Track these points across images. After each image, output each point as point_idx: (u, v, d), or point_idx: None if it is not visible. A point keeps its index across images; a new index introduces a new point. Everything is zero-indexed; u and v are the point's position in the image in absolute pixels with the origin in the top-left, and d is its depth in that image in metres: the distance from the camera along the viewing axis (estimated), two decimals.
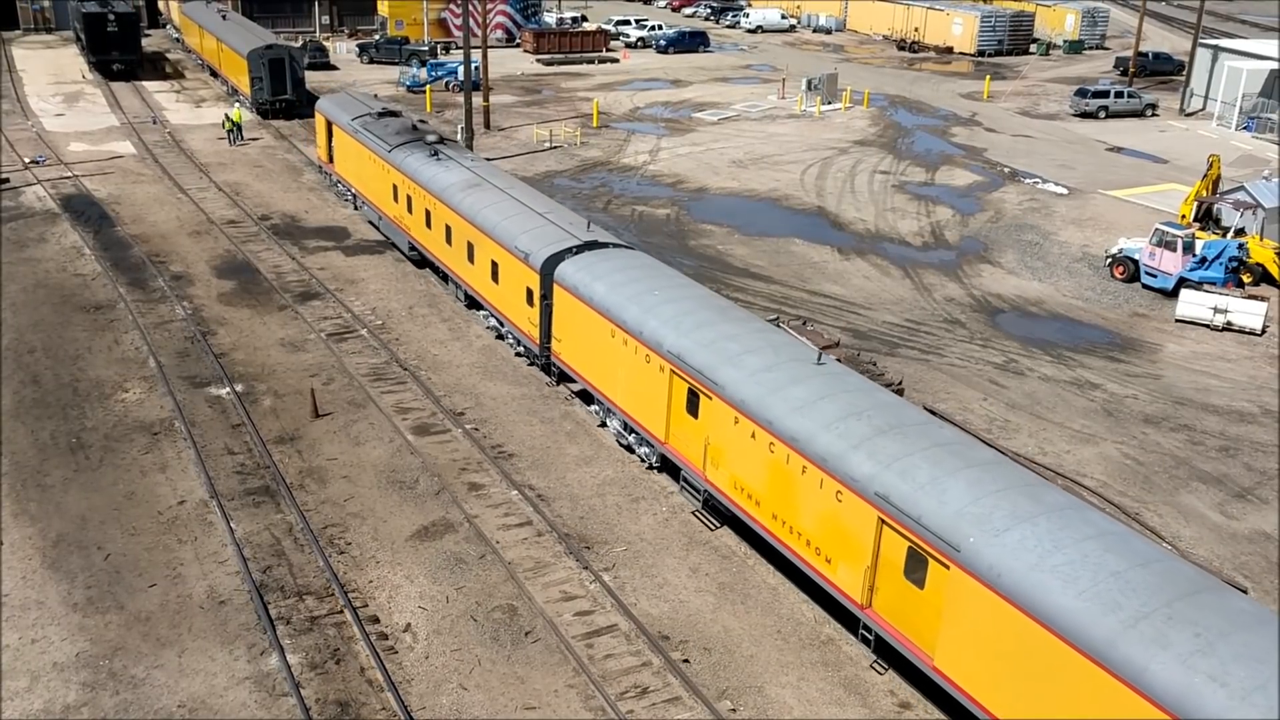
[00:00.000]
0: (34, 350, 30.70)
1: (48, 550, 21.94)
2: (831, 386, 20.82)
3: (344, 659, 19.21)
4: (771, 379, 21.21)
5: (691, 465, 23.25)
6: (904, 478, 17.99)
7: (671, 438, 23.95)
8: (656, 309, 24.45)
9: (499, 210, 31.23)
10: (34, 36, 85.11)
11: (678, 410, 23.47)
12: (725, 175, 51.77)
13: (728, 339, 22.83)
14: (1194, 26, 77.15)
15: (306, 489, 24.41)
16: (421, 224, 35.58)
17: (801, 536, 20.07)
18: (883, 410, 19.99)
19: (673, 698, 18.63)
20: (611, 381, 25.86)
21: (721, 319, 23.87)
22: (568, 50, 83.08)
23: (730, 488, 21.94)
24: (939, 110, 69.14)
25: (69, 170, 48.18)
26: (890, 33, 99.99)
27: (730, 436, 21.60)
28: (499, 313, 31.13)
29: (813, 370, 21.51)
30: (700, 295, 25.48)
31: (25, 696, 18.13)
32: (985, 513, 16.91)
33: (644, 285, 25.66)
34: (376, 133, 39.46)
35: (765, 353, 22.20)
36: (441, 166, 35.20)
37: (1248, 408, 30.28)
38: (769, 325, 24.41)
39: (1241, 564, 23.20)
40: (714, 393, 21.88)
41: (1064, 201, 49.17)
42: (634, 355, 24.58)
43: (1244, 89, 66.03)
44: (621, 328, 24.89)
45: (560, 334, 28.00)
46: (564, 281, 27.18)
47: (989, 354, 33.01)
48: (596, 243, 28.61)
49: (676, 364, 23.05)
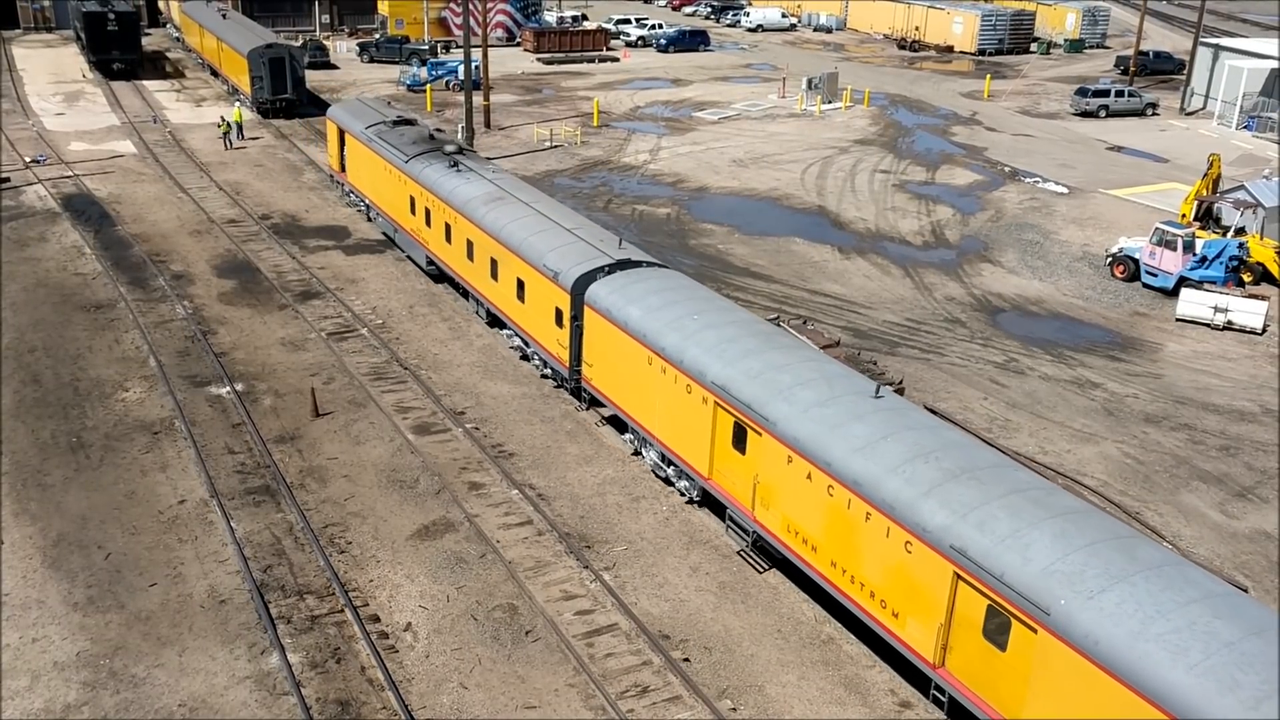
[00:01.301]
0: (34, 349, 30.71)
1: (48, 549, 21.95)
2: (894, 424, 19.38)
3: (344, 658, 19.22)
4: (828, 415, 19.79)
5: (739, 504, 21.91)
6: (982, 530, 16.69)
7: (715, 473, 22.64)
8: (697, 336, 23.08)
9: (525, 226, 29.98)
10: (34, 36, 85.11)
11: (722, 445, 22.17)
12: (726, 174, 51.76)
13: (777, 369, 21.42)
14: (1195, 25, 77.12)
15: (307, 488, 24.42)
16: (440, 238, 34.38)
17: (865, 587, 18.74)
18: (952, 451, 18.59)
19: (673, 697, 18.64)
20: (648, 411, 24.53)
21: (768, 347, 22.45)
22: (568, 49, 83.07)
23: (783, 530, 20.62)
24: (939, 109, 69.12)
25: (69, 169, 48.19)
26: (891, 32, 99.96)
27: (783, 476, 20.29)
28: (524, 332, 29.89)
29: (871, 405, 20.05)
30: (743, 320, 24.02)
31: (26, 696, 18.14)
32: (1076, 571, 15.61)
33: (682, 309, 24.24)
34: (392, 142, 38.12)
35: (819, 385, 20.77)
36: (462, 178, 33.89)
37: (1248, 407, 30.28)
38: (819, 354, 22.87)
39: (1242, 563, 23.20)
40: (764, 428, 20.56)
41: (1064, 201, 49.17)
42: (673, 384, 23.26)
43: (1244, 88, 66.00)
44: (660, 355, 23.56)
45: (591, 358, 26.68)
46: (596, 304, 25.92)
47: (989, 353, 33.01)
48: (629, 261, 27.31)
49: (721, 396, 21.71)
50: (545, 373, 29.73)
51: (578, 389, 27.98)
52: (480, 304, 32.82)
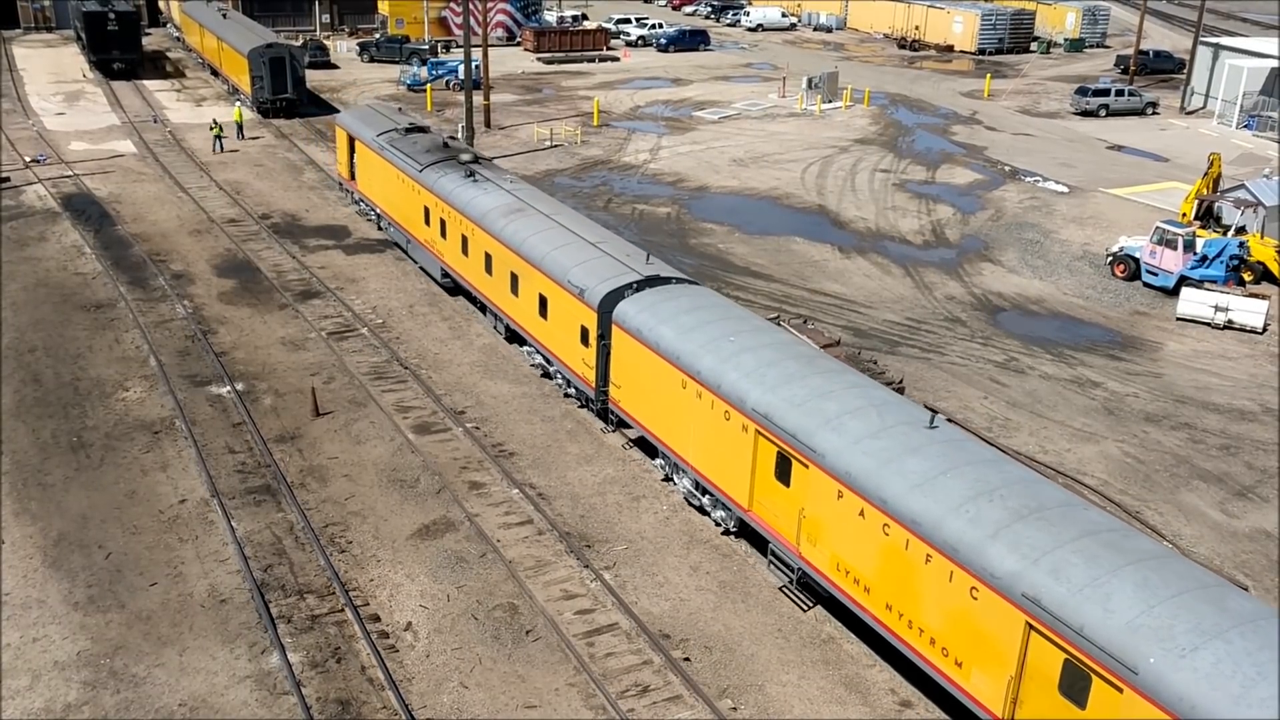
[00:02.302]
0: (35, 349, 30.72)
1: (49, 549, 21.95)
2: (952, 457, 18.36)
3: (345, 657, 19.22)
4: (881, 448, 18.73)
5: (782, 539, 20.84)
6: (1057, 577, 15.64)
7: (756, 505, 21.56)
8: (735, 359, 22.00)
9: (547, 239, 28.87)
10: (34, 35, 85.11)
11: (764, 476, 21.10)
12: (726, 174, 51.76)
13: (822, 396, 20.38)
14: (1195, 25, 77.11)
15: (307, 488, 24.42)
16: (457, 250, 33.33)
17: (924, 634, 17.68)
18: (1016, 488, 17.52)
19: (673, 696, 18.64)
20: (681, 436, 23.41)
21: (810, 371, 21.39)
22: (568, 49, 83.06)
23: (831, 569, 19.52)
24: (939, 109, 69.11)
25: (69, 169, 48.19)
26: (891, 31, 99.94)
27: (832, 512, 19.19)
28: (547, 350, 28.76)
29: (926, 436, 19.02)
30: (781, 342, 22.99)
31: (26, 695, 18.14)
32: (1164, 625, 14.57)
33: (717, 330, 23.20)
34: (405, 150, 37.11)
35: (868, 415, 19.71)
36: (479, 189, 32.86)
37: (1248, 406, 30.28)
38: (864, 379, 21.75)
39: (1242, 562, 23.21)
40: (811, 460, 19.50)
41: (1065, 200, 49.17)
42: (710, 410, 22.15)
43: (1244, 87, 66.01)
44: (695, 379, 22.49)
45: (620, 379, 25.59)
46: (625, 323, 24.86)
47: (990, 352, 33.01)
48: (658, 278, 26.25)
49: (763, 424, 20.62)
50: (568, 392, 28.66)
51: (604, 410, 26.95)
52: (499, 319, 31.73)
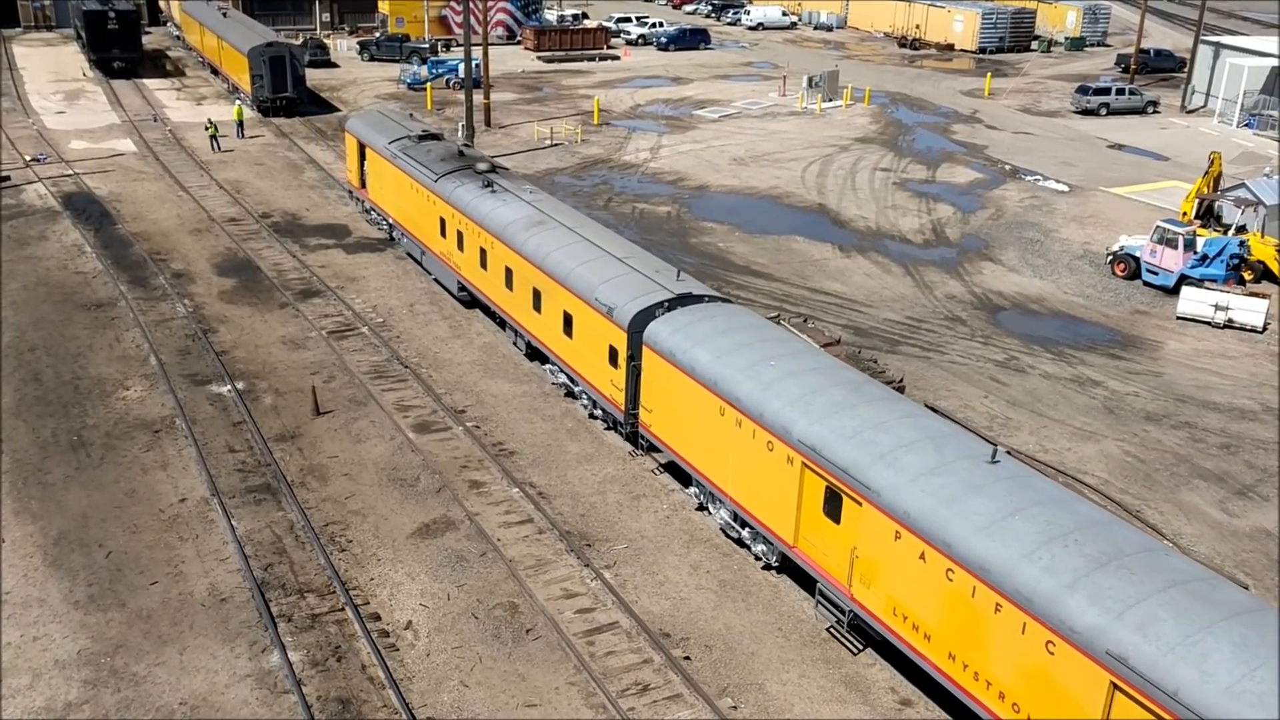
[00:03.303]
0: (35, 348, 30.72)
1: (49, 548, 21.96)
2: (1019, 496, 17.30)
3: (345, 656, 19.23)
4: (942, 486, 17.69)
5: (831, 579, 19.75)
6: (1145, 634, 14.59)
7: (802, 541, 20.47)
8: (777, 386, 20.92)
9: (571, 254, 27.79)
10: (34, 34, 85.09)
11: (811, 511, 20.04)
12: (726, 173, 51.75)
13: (873, 428, 19.31)
14: (1195, 23, 77.08)
15: (308, 486, 24.43)
16: (475, 264, 32.13)
17: (992, 687, 16.58)
18: (1092, 531, 16.45)
19: (674, 695, 18.65)
20: (719, 466, 22.30)
21: (858, 399, 20.34)
22: (568, 47, 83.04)
23: (887, 613, 18.47)
24: (940, 108, 69.10)
25: (70, 168, 48.19)
26: (891, 30, 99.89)
27: (889, 553, 18.14)
28: (572, 370, 27.61)
29: (989, 473, 17.92)
30: (825, 366, 21.87)
31: (27, 694, 18.15)
32: (1269, 691, 13.63)
33: (756, 353, 22.13)
34: (419, 159, 35.82)
35: (924, 449, 18.64)
36: (498, 200, 31.70)
37: (1249, 405, 30.28)
38: (917, 407, 20.83)
39: (1242, 561, 23.21)
40: (864, 497, 18.45)
41: (1065, 199, 49.15)
42: (751, 440, 21.08)
43: (1245, 86, 65.98)
44: (734, 406, 21.38)
45: (651, 403, 24.43)
46: (657, 344, 23.73)
47: (990, 351, 33.01)
48: (690, 295, 25.17)
49: (811, 457, 19.56)
50: (595, 413, 27.60)
51: (634, 434, 25.86)
52: (519, 335, 30.55)
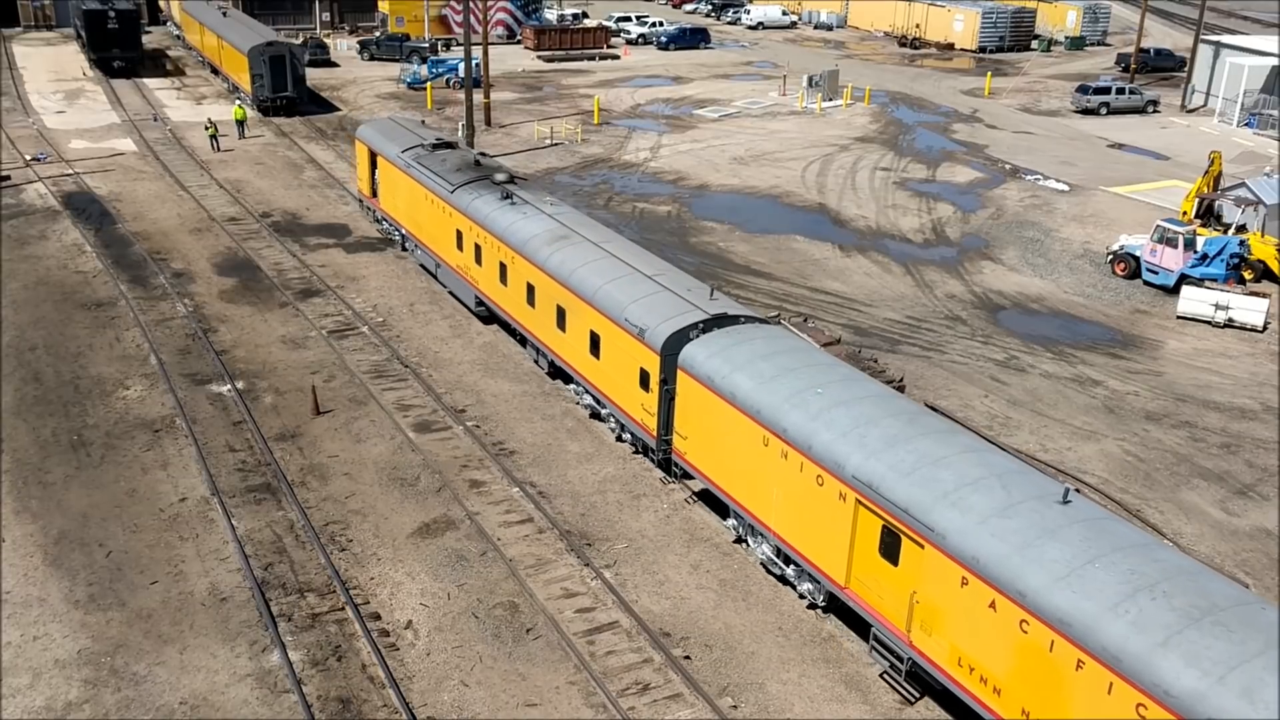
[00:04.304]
0: (35, 347, 30.72)
1: (49, 547, 21.96)
2: (1097, 542, 16.23)
3: (345, 656, 19.23)
4: (1013, 530, 16.60)
5: (888, 623, 18.68)
6: (1252, 702, 13.69)
7: (854, 582, 19.40)
8: (826, 416, 19.85)
9: (598, 271, 26.74)
10: (34, 34, 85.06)
11: (865, 551, 18.98)
12: (726, 172, 51.75)
13: (934, 464, 18.22)
14: (1196, 23, 77.06)
15: (308, 486, 24.43)
16: (494, 278, 31.10)
17: None
18: (1180, 582, 15.41)
19: (674, 694, 18.65)
20: (762, 498, 21.23)
21: (914, 430, 19.27)
22: (569, 47, 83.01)
23: (951, 663, 17.42)
24: (940, 107, 69.09)
25: (70, 167, 48.18)
26: (891, 29, 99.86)
27: (954, 600, 17.10)
28: (599, 392, 26.61)
29: (1062, 515, 16.84)
30: (876, 394, 20.82)
31: (27, 693, 18.16)
32: None
33: (801, 379, 21.05)
34: (433, 169, 34.87)
35: (990, 487, 17.54)
36: (518, 212, 30.60)
37: (1249, 404, 30.28)
38: (978, 441, 19.69)
39: (1243, 560, 23.22)
40: (926, 539, 17.42)
41: (1065, 198, 49.15)
42: (798, 474, 20.02)
43: (1245, 85, 65.95)
44: (779, 436, 20.28)
45: (686, 429, 23.35)
46: (693, 368, 22.66)
47: (990, 351, 33.01)
48: (726, 316, 24.12)
49: (866, 494, 18.50)
50: (623, 437, 26.63)
51: (666, 461, 24.86)
52: (541, 353, 29.65)
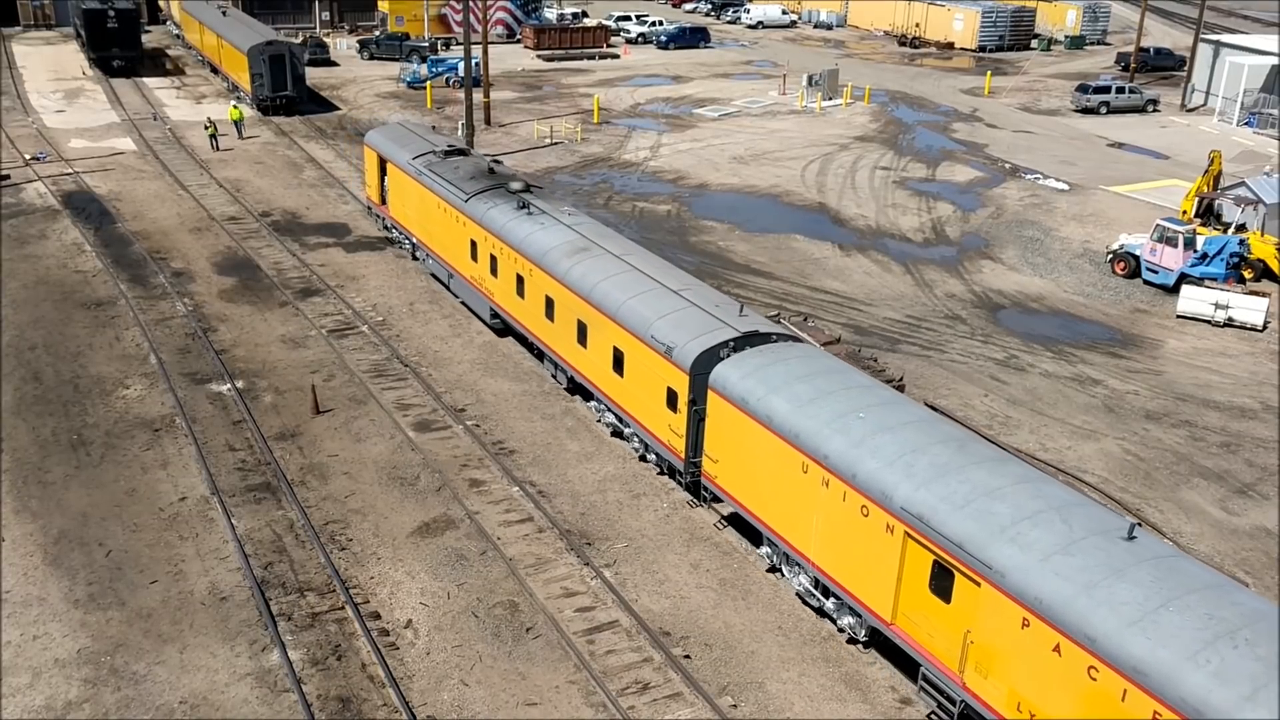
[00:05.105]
0: (35, 347, 30.72)
1: (49, 547, 21.96)
2: (1169, 583, 15.37)
3: (345, 655, 19.23)
4: (1077, 569, 15.73)
5: (938, 663, 17.82)
6: None
7: (901, 618, 18.53)
8: (870, 442, 18.96)
9: (621, 285, 25.88)
10: (34, 33, 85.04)
11: (914, 586, 18.11)
12: (726, 171, 51.74)
13: (989, 496, 17.33)
14: (1195, 22, 77.05)
15: (308, 485, 24.43)
16: (510, 291, 30.28)
17: None
18: (1262, 628, 14.62)
19: (674, 693, 18.65)
20: (800, 528, 20.34)
21: (965, 459, 18.37)
22: (568, 46, 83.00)
23: (1009, 708, 16.57)
24: (940, 106, 69.09)
25: (69, 167, 48.18)
26: (891, 28, 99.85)
27: (1014, 642, 16.17)
28: (622, 410, 25.78)
29: (1128, 552, 15.97)
30: (921, 419, 19.87)
31: (27, 693, 18.16)
32: None
33: (841, 403, 20.16)
34: (446, 177, 33.98)
35: (1050, 522, 16.64)
36: (535, 223, 29.77)
37: (1249, 404, 30.28)
38: (1032, 470, 18.65)
39: (1243, 559, 23.22)
40: (983, 577, 16.54)
41: (1065, 197, 49.14)
42: (840, 503, 19.15)
43: (1245, 84, 65.95)
44: (820, 463, 19.40)
45: (717, 452, 22.43)
46: (725, 389, 21.75)
47: (990, 350, 33.01)
48: (757, 334, 23.18)
49: (915, 527, 17.62)
50: (647, 457, 25.73)
51: (695, 484, 23.98)
52: (560, 369, 28.83)
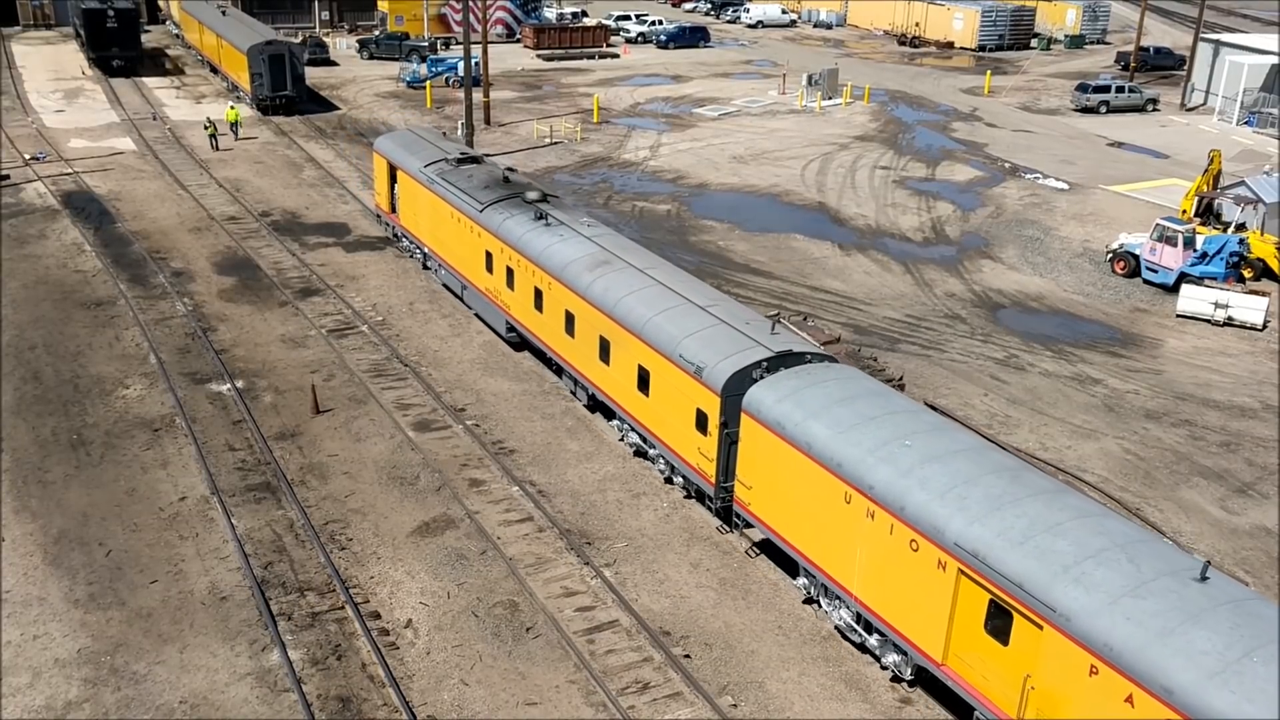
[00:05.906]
0: (35, 347, 30.72)
1: (49, 547, 21.96)
2: (1249, 629, 14.59)
3: (345, 655, 19.24)
4: (1150, 613, 14.82)
5: (994, 708, 16.94)
6: None
7: (953, 659, 17.62)
8: (919, 473, 17.98)
9: (646, 301, 24.93)
10: (34, 33, 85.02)
11: (968, 626, 17.22)
12: (726, 171, 51.74)
13: (1047, 531, 16.40)
14: (1195, 21, 77.04)
15: (308, 485, 24.43)
16: (527, 304, 29.39)
17: None
18: None
19: (674, 693, 18.65)
20: (842, 560, 19.40)
21: (1021, 491, 17.41)
22: (568, 45, 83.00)
23: None
24: (940, 105, 69.09)
25: (69, 167, 48.17)
26: (891, 28, 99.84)
27: (1081, 690, 15.38)
28: (647, 431, 24.85)
29: (1202, 595, 15.13)
30: (971, 446, 18.83)
31: (27, 693, 18.16)
32: None
33: (885, 429, 19.13)
34: (460, 186, 33.16)
35: (1116, 561, 15.76)
36: (554, 234, 28.87)
37: (1249, 403, 30.28)
38: (1090, 502, 17.77)
39: (1243, 559, 23.22)
40: (1046, 620, 15.62)
41: (1065, 197, 49.14)
42: (887, 536, 18.20)
43: (1245, 84, 65.94)
44: (864, 494, 18.43)
45: (751, 478, 21.47)
46: (760, 413, 20.78)
47: (990, 349, 33.01)
48: (791, 354, 22.18)
49: (970, 564, 16.70)
50: (674, 479, 24.77)
51: (726, 509, 23.05)
52: (580, 385, 27.92)
